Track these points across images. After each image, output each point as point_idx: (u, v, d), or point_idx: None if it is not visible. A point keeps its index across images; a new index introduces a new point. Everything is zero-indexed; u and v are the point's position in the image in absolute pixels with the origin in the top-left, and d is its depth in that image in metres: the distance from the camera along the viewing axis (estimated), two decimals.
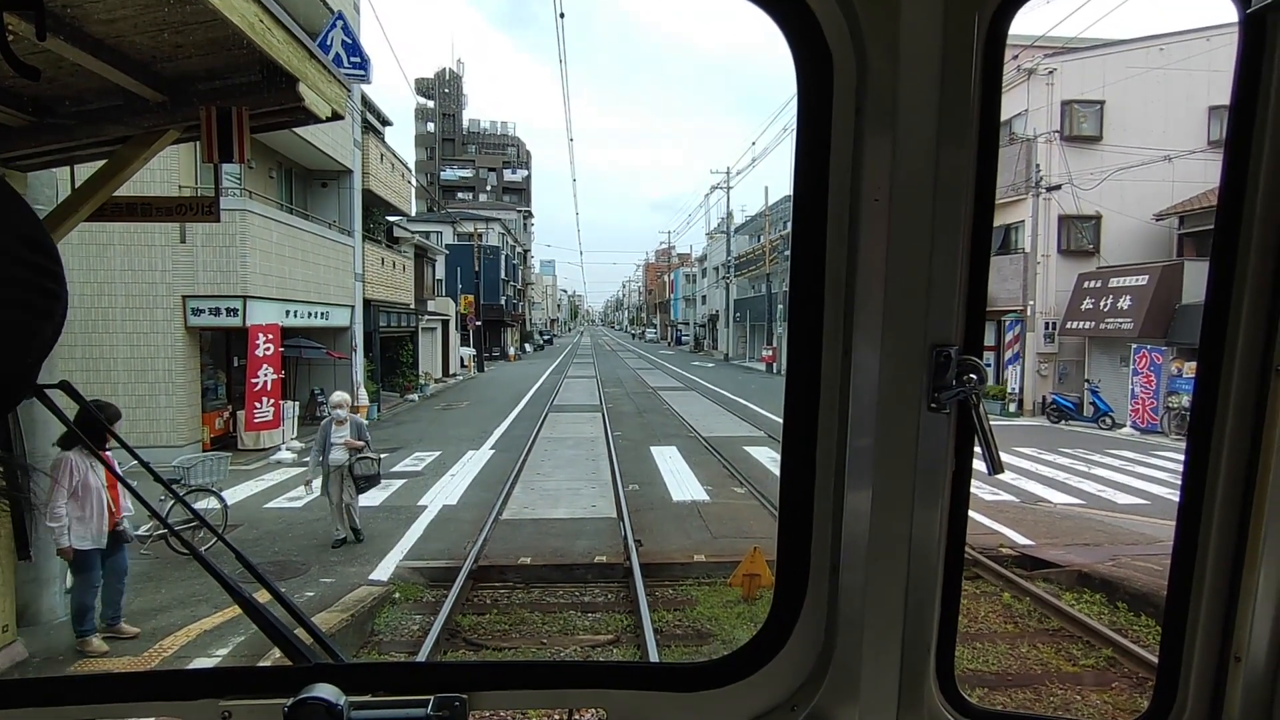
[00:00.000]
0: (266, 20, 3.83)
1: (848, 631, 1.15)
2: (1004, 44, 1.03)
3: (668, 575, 7.46)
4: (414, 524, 9.02)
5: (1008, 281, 20.34)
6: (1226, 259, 1.06)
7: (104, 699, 1.15)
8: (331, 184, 18.72)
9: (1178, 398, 16.30)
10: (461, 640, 6.11)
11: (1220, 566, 1.10)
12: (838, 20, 1.02)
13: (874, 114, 1.02)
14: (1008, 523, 8.95)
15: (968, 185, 1.03)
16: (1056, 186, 19.24)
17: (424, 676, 1.17)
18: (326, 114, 4.83)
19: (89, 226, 9.59)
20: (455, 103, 78.37)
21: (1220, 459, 1.08)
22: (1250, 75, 1.01)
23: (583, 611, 6.70)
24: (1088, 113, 19.72)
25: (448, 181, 74.27)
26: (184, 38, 3.95)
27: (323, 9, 14.91)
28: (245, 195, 13.99)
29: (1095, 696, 5.23)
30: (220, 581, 1.30)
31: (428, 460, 13.15)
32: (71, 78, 4.13)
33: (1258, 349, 1.04)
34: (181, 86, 4.57)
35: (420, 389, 24.33)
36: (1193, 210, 18.42)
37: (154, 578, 7.02)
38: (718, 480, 11.49)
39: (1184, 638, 1.14)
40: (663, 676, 1.24)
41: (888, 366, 1.06)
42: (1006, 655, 5.81)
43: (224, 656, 5.46)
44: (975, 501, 9.79)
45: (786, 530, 1.19)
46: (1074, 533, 8.78)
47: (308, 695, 1.05)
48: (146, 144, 4.91)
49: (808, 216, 1.10)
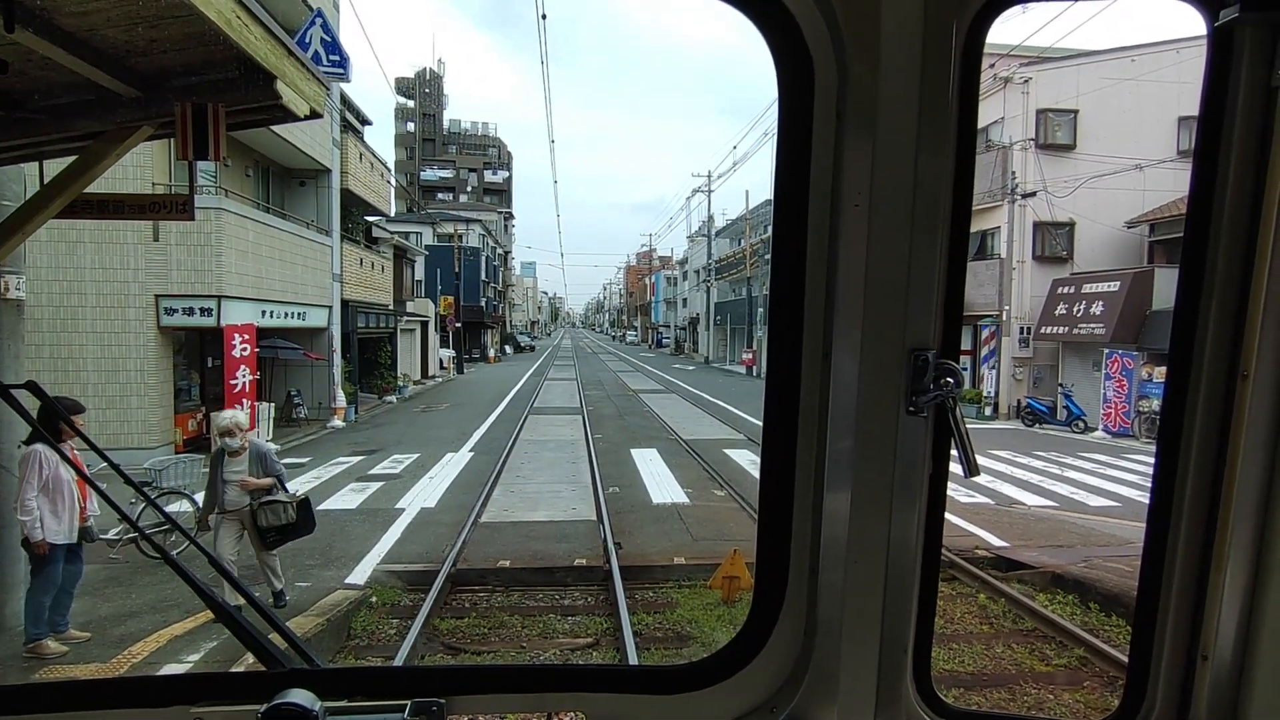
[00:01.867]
0: (244, 16, 3.78)
1: (826, 633, 1.15)
2: (981, 52, 1.05)
3: (647, 578, 7.46)
4: (391, 527, 8.93)
5: (984, 287, 20.62)
6: (1195, 266, 1.08)
7: (72, 706, 1.12)
8: (310, 183, 18.50)
9: (1148, 402, 16.62)
10: (440, 644, 6.05)
11: (1188, 567, 1.12)
12: (819, 26, 1.03)
13: (854, 119, 1.03)
14: (983, 525, 9.06)
15: (946, 190, 1.05)
16: (1031, 193, 19.55)
17: (401, 681, 1.16)
18: (305, 112, 4.77)
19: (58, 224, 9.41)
20: (436, 103, 77.86)
21: (1189, 461, 1.10)
22: (1218, 87, 1.04)
23: (562, 615, 6.67)
24: (1062, 121, 20.07)
25: (428, 182, 73.73)
26: (159, 32, 3.88)
27: (302, 6, 14.75)
28: (221, 193, 13.78)
29: (1068, 695, 5.31)
30: (192, 586, 1.28)
31: (406, 462, 13.03)
32: (41, 71, 4.04)
33: (1225, 354, 1.07)
34: (156, 82, 4.49)
35: (399, 390, 24.11)
36: (1163, 218, 18.81)
37: (124, 582, 6.88)
38: (698, 483, 11.50)
39: (1153, 637, 1.16)
40: (642, 679, 1.24)
41: (867, 370, 1.06)
42: (982, 655, 5.88)
43: (196, 663, 5.36)
44: (952, 504, 9.90)
45: (766, 532, 1.20)
46: (1048, 535, 8.91)
47: (282, 701, 1.03)
48: (119, 140, 4.81)
49: (788, 220, 1.11)
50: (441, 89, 78.38)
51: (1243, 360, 1.05)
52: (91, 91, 4.38)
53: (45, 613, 5.40)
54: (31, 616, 5.40)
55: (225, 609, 1.24)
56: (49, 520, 5.21)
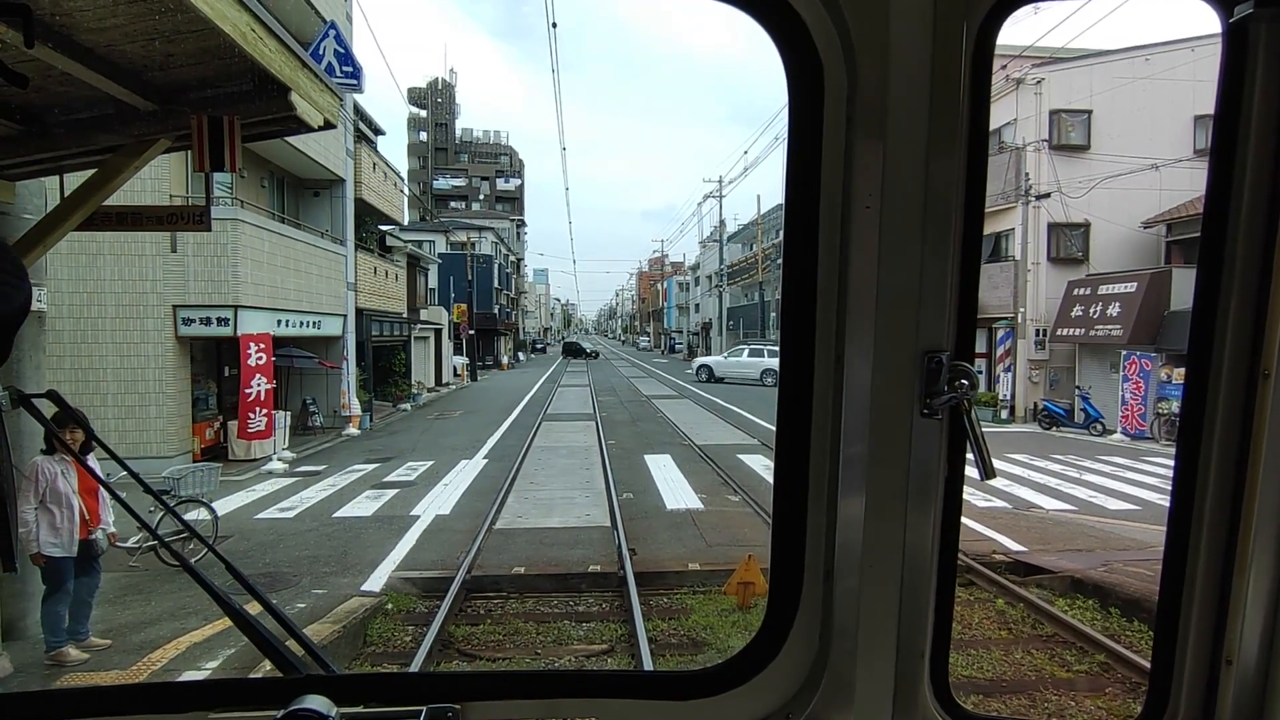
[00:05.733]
0: (258, 29, 3.83)
1: (842, 638, 1.15)
2: (993, 53, 1.04)
3: (662, 584, 7.44)
4: (406, 533, 8.96)
5: (998, 289, 20.46)
6: (1213, 266, 1.07)
7: (93, 712, 1.14)
8: (324, 193, 18.67)
9: (1167, 404, 16.41)
10: (455, 651, 6.06)
11: (1211, 570, 1.11)
12: (828, 29, 1.03)
13: (864, 121, 1.03)
14: (1000, 529, 8.97)
15: (958, 192, 1.04)
16: (1045, 195, 19.40)
17: (416, 687, 1.16)
18: (319, 123, 4.83)
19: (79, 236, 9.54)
20: (448, 112, 78.43)
21: (1210, 464, 1.09)
22: (1234, 84, 1.03)
23: (577, 621, 6.67)
24: (1075, 122, 19.92)
25: (440, 190, 74.22)
26: (175, 46, 3.94)
27: (315, 18, 14.92)
28: (237, 204, 13.94)
29: (1089, 702, 5.23)
30: (210, 593, 1.29)
31: (420, 470, 13.08)
32: (61, 86, 4.11)
33: (1245, 354, 1.05)
34: (173, 95, 4.55)
35: (413, 398, 24.23)
36: (1180, 218, 18.61)
37: (143, 590, 6.95)
38: (711, 488, 11.47)
39: (1176, 642, 1.14)
40: (657, 685, 1.24)
41: (880, 372, 1.06)
42: (1000, 661, 5.81)
43: (214, 669, 5.40)
44: (968, 508, 9.81)
45: (780, 537, 1.19)
46: (1066, 539, 8.81)
47: (299, 707, 1.04)
48: (137, 153, 4.89)
49: (799, 224, 1.11)
50: (454, 98, 78.98)
51: (1264, 360, 1.04)
52: (110, 105, 4.45)
53: (63, 621, 5.45)
54: (49, 626, 5.46)
55: (243, 616, 1.24)
56: (45, 533, 5.23)
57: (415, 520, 9.60)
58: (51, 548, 5.27)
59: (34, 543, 5.20)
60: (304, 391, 18.41)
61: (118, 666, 5.49)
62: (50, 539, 5.25)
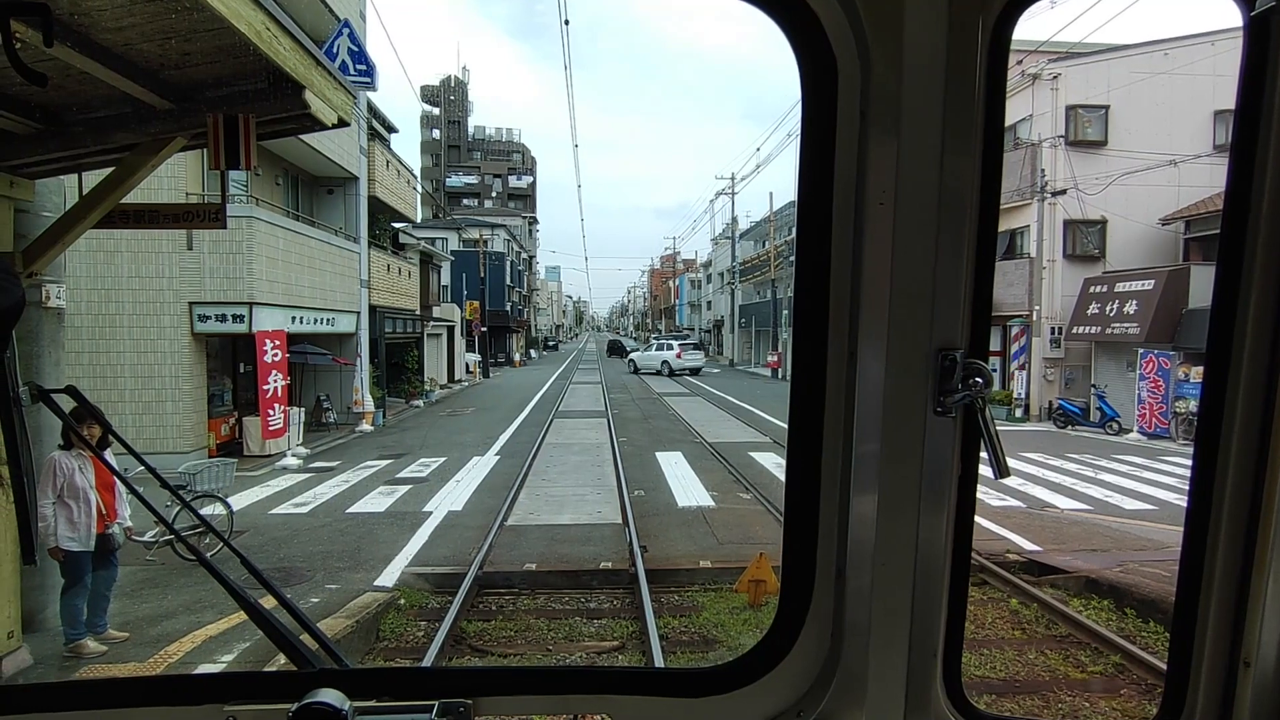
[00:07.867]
0: (273, 28, 3.86)
1: (854, 636, 1.14)
2: (1008, 48, 1.03)
3: (673, 581, 7.44)
4: (419, 529, 9.02)
5: (1013, 286, 20.28)
6: (1233, 263, 1.05)
7: (108, 704, 1.15)
8: (337, 190, 18.79)
9: (1185, 402, 16.21)
10: (467, 646, 6.10)
11: (1229, 571, 1.09)
12: (842, 25, 1.02)
13: (878, 118, 1.02)
14: (1014, 528, 8.90)
15: (972, 188, 1.03)
16: (1062, 191, 19.20)
17: (429, 682, 1.17)
18: (333, 121, 4.86)
19: (96, 233, 9.65)
20: (461, 110, 78.69)
21: (1228, 463, 1.07)
22: (1255, 78, 1.01)
23: (588, 618, 6.69)
24: (1092, 117, 19.69)
25: (453, 188, 74.53)
26: (191, 45, 3.97)
27: (329, 17, 15.01)
28: (252, 202, 14.06)
29: (1104, 703, 5.19)
30: (226, 587, 1.30)
31: (433, 466, 13.16)
32: (79, 85, 4.16)
33: (1265, 352, 1.04)
34: (189, 94, 4.60)
35: (425, 395, 24.36)
36: (1199, 215, 18.36)
37: (160, 584, 7.03)
38: (723, 486, 11.46)
39: (1193, 643, 1.13)
40: (668, 682, 1.24)
41: (893, 370, 1.05)
42: (1014, 661, 5.77)
43: (229, 662, 5.46)
44: (981, 507, 9.74)
45: (792, 535, 1.19)
46: (1081, 538, 8.73)
47: (312, 700, 1.05)
48: (154, 151, 4.94)
49: (813, 221, 1.10)
50: (466, 96, 79.25)
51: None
52: (127, 104, 4.50)
53: (81, 614, 5.53)
54: (67, 619, 5.54)
55: (258, 610, 1.26)
56: (63, 527, 5.30)
57: (428, 516, 9.65)
58: (69, 542, 5.32)
59: (52, 537, 5.27)
60: (318, 388, 18.56)
61: (135, 659, 5.56)
62: (68, 533, 5.31)
